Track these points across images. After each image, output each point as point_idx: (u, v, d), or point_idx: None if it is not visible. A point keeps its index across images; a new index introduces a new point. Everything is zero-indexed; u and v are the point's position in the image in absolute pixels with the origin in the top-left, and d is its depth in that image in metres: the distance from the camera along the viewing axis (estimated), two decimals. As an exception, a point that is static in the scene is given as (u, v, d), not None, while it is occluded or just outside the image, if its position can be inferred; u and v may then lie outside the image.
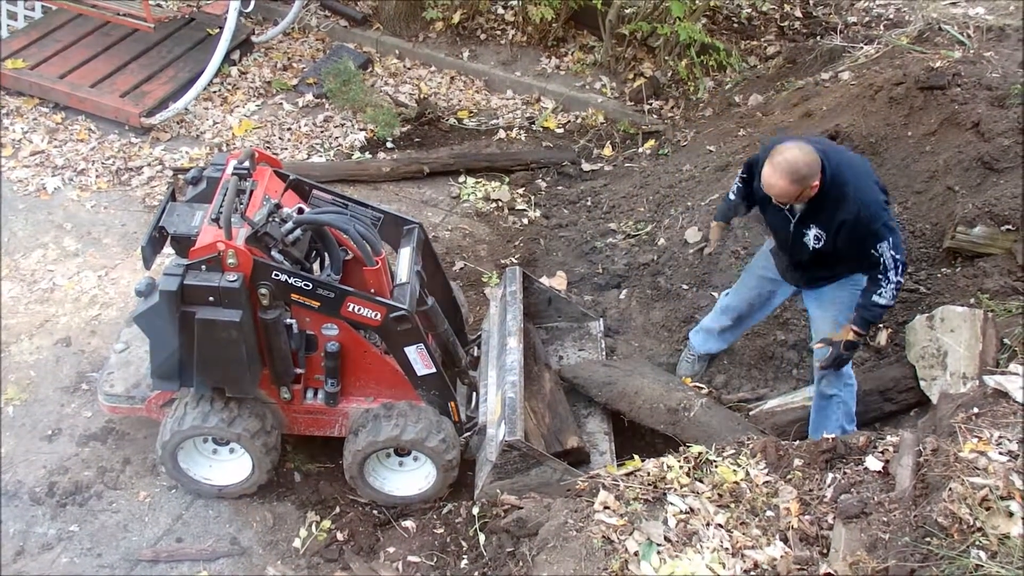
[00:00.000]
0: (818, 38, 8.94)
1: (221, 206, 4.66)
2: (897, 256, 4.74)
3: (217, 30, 8.88)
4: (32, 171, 7.85)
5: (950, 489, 3.73)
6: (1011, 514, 3.60)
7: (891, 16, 8.87)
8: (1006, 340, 4.93)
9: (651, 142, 8.71)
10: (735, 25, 9.87)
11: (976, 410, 4.19)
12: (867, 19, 9.04)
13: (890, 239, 4.71)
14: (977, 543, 3.57)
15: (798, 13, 9.78)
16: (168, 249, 5.09)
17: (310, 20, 10.39)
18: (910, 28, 8.05)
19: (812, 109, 7.37)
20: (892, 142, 6.63)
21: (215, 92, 9.05)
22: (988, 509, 3.64)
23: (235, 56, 9.38)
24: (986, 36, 7.32)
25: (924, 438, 4.14)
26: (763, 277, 5.56)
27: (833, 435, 4.96)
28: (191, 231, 4.82)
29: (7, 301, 6.61)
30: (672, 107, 9.22)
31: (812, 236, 4.90)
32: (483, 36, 10.12)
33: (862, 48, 8.08)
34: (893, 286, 4.80)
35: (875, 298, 4.84)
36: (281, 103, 9.11)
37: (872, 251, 4.73)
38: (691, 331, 6.16)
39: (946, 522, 3.65)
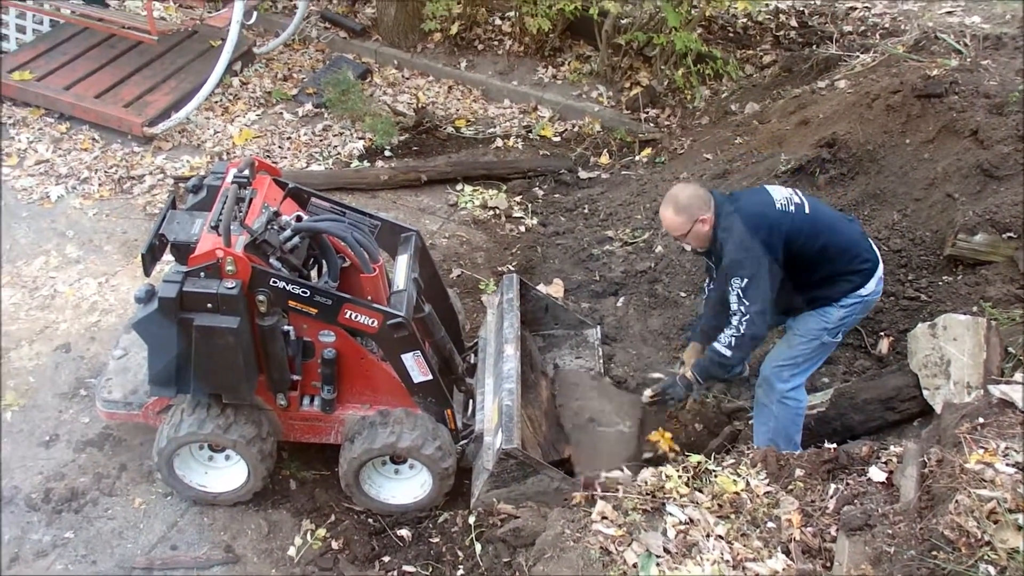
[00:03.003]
0: (814, 47, 8.91)
1: (220, 214, 4.61)
2: (744, 301, 4.66)
3: (219, 42, 8.88)
4: (36, 180, 7.80)
5: (956, 501, 3.59)
6: (1020, 527, 3.45)
7: (887, 25, 8.87)
8: (1010, 349, 4.83)
9: (648, 150, 8.67)
10: (731, 34, 9.85)
11: (981, 420, 4.04)
12: (863, 28, 9.03)
13: (741, 279, 4.66)
14: (985, 557, 3.42)
15: (793, 23, 9.75)
16: (168, 256, 5.00)
17: (310, 32, 10.43)
18: (906, 37, 8.05)
19: (809, 117, 7.31)
20: (890, 149, 6.54)
21: (216, 102, 9.04)
22: (996, 522, 3.49)
23: (236, 67, 9.41)
24: (983, 44, 7.27)
25: (928, 449, 4.00)
26: None
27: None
28: (191, 238, 4.77)
29: (8, 308, 6.53)
30: (668, 115, 9.19)
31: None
32: (480, 46, 10.15)
33: (858, 57, 8.05)
34: (732, 332, 4.77)
35: (717, 344, 4.85)
36: (281, 113, 9.11)
37: (728, 286, 4.74)
38: None
39: (953, 535, 3.51)
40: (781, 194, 4.81)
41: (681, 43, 8.47)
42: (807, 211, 4.76)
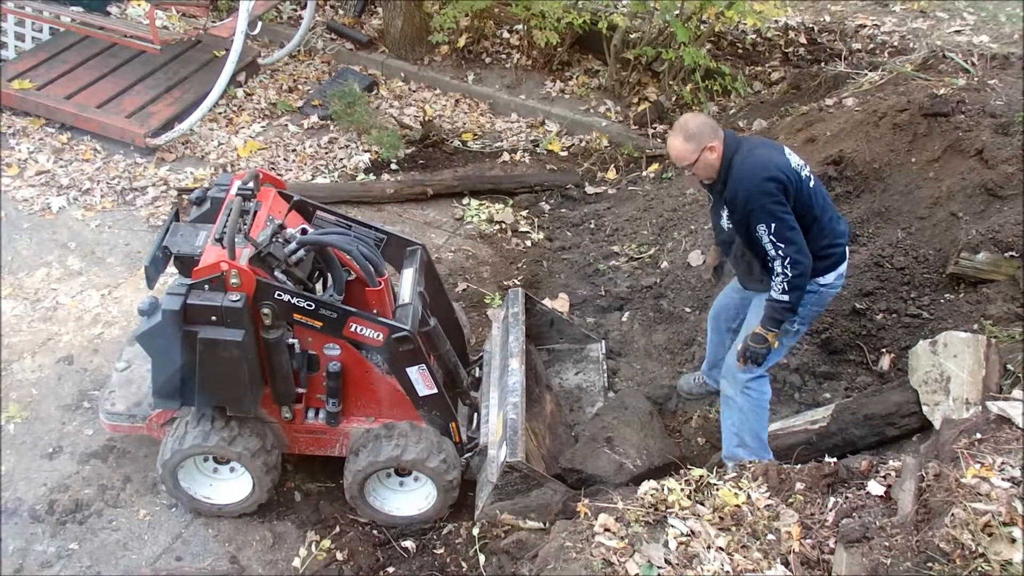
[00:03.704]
0: (822, 64, 8.95)
1: (225, 226, 4.68)
2: (779, 244, 4.67)
3: (223, 52, 8.91)
4: (37, 190, 7.85)
5: (952, 515, 3.69)
6: (1014, 540, 3.56)
7: (895, 43, 8.89)
8: (1009, 366, 4.89)
9: (655, 166, 8.71)
10: (740, 50, 9.91)
11: (979, 436, 4.14)
12: (871, 46, 9.06)
13: (769, 224, 4.65)
14: (979, 569, 3.52)
15: (803, 39, 9.79)
16: (171, 269, 5.09)
17: (316, 43, 10.47)
18: (914, 55, 8.05)
19: (816, 134, 7.34)
20: (896, 168, 6.60)
21: (220, 113, 9.09)
22: (990, 535, 3.60)
23: (241, 78, 9.45)
24: (990, 64, 7.31)
25: (926, 463, 4.09)
26: (733, 287, 5.55)
27: (730, 452, 5.10)
28: (195, 251, 4.85)
29: (10, 319, 6.61)
30: (676, 131, 9.18)
31: (725, 218, 4.95)
32: (488, 60, 10.20)
33: (866, 75, 8.05)
34: (781, 279, 4.75)
35: (772, 292, 4.84)
36: (286, 124, 9.15)
37: (754, 235, 4.73)
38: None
39: (948, 547, 3.61)
40: (796, 160, 4.85)
41: (690, 58, 8.55)
42: (812, 184, 4.84)
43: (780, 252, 4.68)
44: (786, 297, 4.80)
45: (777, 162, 4.73)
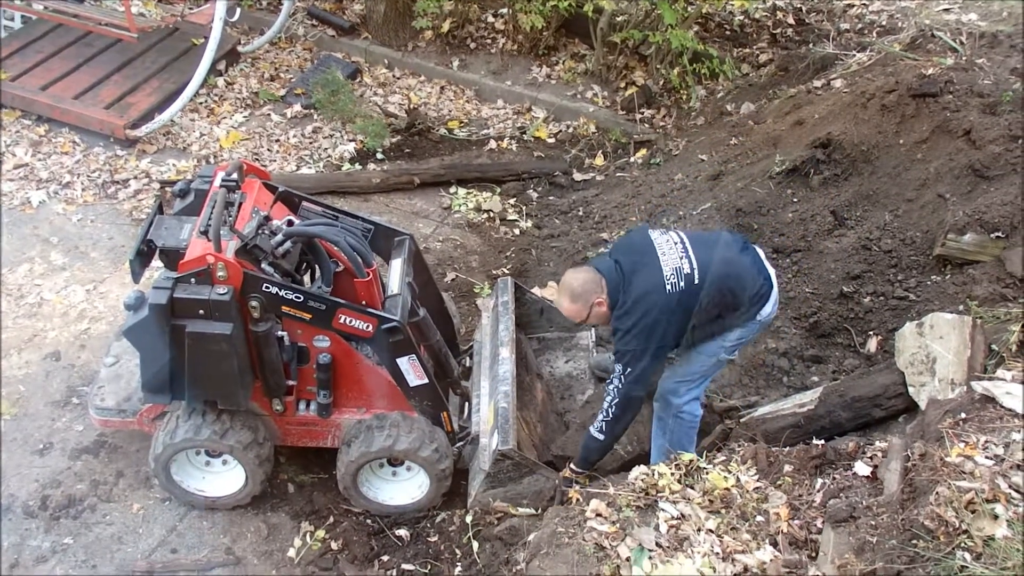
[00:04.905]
0: (810, 45, 9.06)
1: (210, 219, 4.70)
2: (620, 385, 4.88)
3: (202, 40, 8.93)
4: (16, 185, 7.89)
5: (937, 493, 3.81)
6: (996, 516, 3.68)
7: (884, 23, 8.99)
8: (994, 346, 4.99)
9: (643, 151, 8.81)
10: (727, 33, 9.98)
11: (964, 415, 4.27)
12: (860, 26, 9.16)
13: (625, 364, 4.85)
14: (962, 545, 3.64)
15: (791, 20, 9.89)
16: (157, 262, 5.13)
17: (297, 29, 10.47)
18: (903, 35, 8.16)
19: (804, 117, 7.45)
20: (884, 150, 6.72)
21: (201, 103, 9.11)
22: (974, 512, 3.72)
23: (221, 66, 9.46)
24: (978, 43, 7.41)
25: (912, 443, 4.23)
26: None
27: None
28: (180, 244, 4.87)
29: None
30: (664, 116, 9.32)
31: None
32: (473, 45, 10.23)
33: (854, 55, 8.18)
34: (602, 417, 4.98)
35: (591, 429, 5.08)
36: (269, 114, 9.20)
37: (612, 368, 4.95)
38: None
39: (933, 525, 3.73)
40: (671, 266, 4.82)
41: (677, 41, 8.62)
42: (696, 280, 4.80)
43: (618, 394, 4.90)
44: (602, 436, 5.03)
45: (652, 296, 4.79)
